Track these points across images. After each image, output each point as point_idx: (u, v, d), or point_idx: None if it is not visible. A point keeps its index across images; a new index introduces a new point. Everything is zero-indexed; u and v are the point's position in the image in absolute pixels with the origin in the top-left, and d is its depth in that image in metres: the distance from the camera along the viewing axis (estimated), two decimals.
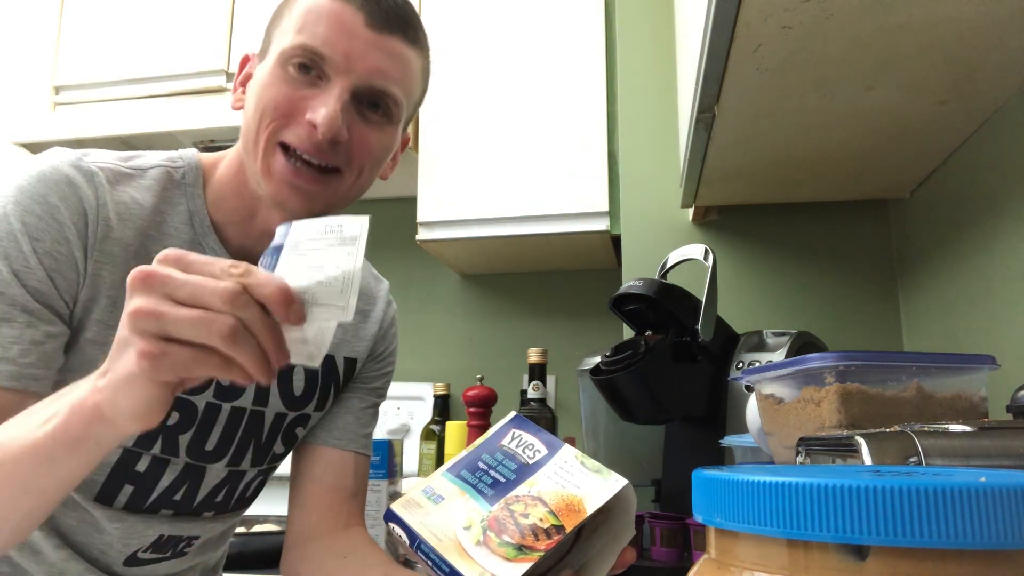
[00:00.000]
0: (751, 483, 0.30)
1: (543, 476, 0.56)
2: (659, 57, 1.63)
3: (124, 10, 1.95)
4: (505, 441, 0.60)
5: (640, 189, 1.59)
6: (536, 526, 0.52)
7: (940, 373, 0.63)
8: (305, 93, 0.71)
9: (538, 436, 0.59)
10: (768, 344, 1.14)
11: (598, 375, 1.13)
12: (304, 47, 0.70)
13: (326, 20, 0.71)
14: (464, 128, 1.71)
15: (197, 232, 0.77)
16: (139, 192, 0.75)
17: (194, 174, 0.79)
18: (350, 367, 0.91)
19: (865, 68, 0.88)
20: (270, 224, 0.77)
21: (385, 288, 0.97)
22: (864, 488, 0.27)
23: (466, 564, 0.51)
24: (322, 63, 0.71)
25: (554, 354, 1.74)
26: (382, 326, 0.94)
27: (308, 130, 0.70)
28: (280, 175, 0.72)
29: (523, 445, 0.59)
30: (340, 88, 0.71)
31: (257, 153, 0.72)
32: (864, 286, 1.47)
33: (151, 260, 0.72)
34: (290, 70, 0.71)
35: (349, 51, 0.71)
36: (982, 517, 0.26)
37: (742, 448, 0.92)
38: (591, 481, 0.54)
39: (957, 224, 1.17)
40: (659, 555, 1.04)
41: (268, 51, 0.75)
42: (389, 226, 2.04)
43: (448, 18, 1.76)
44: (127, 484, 0.76)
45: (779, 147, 1.15)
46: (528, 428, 0.60)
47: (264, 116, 0.71)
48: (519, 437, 0.59)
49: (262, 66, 0.75)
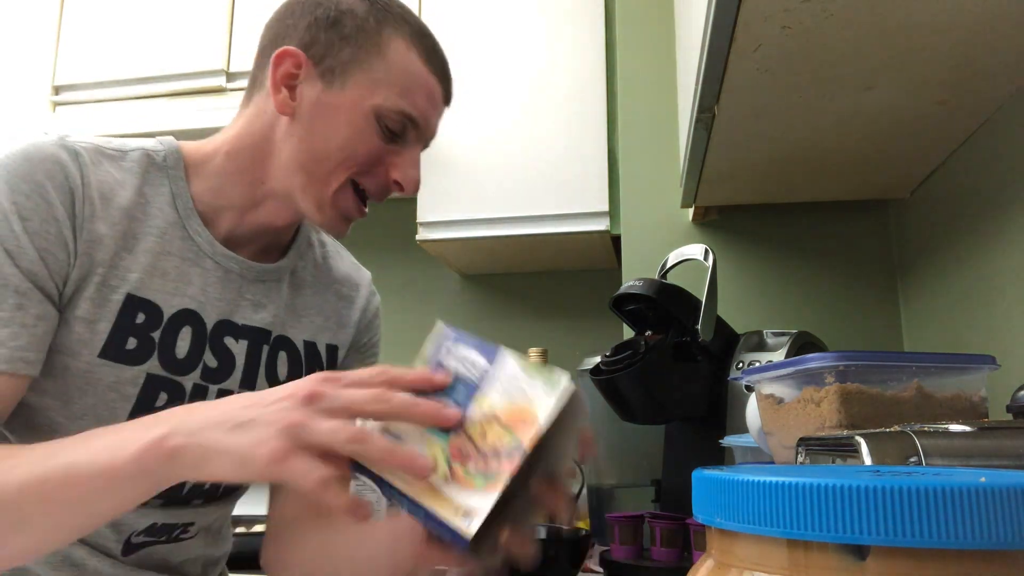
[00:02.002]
0: (751, 483, 0.30)
1: (491, 391, 0.54)
2: (659, 57, 1.63)
3: (124, 10, 1.95)
4: (447, 361, 0.56)
5: (640, 189, 1.59)
6: (496, 447, 0.51)
7: (940, 373, 0.63)
8: (389, 148, 0.78)
9: (474, 347, 0.56)
10: (768, 344, 1.14)
11: (598, 375, 1.13)
12: (405, 115, 0.78)
13: (424, 92, 0.79)
14: (464, 128, 1.71)
15: (181, 215, 0.78)
16: (121, 173, 0.76)
17: (175, 158, 0.80)
18: (332, 354, 0.91)
19: (865, 68, 0.88)
20: (272, 220, 0.82)
21: (367, 278, 0.99)
22: (864, 488, 0.27)
23: (440, 503, 0.50)
24: (411, 129, 0.79)
25: (554, 354, 1.74)
26: (365, 315, 0.95)
27: (387, 183, 0.80)
28: (347, 211, 0.79)
29: (462, 361, 0.56)
30: (419, 151, 0.81)
31: (328, 185, 0.77)
32: (864, 286, 1.47)
33: (137, 240, 0.74)
34: (384, 126, 0.77)
35: (432, 122, 0.81)
36: (982, 517, 0.26)
37: (742, 448, 0.92)
38: (537, 388, 0.52)
39: (957, 224, 1.17)
40: (659, 555, 1.04)
41: (347, 84, 0.76)
42: (389, 226, 2.05)
43: (448, 18, 1.76)
44: None
45: (779, 147, 1.15)
46: (462, 339, 0.57)
47: (348, 159, 0.77)
48: (456, 353, 0.56)
49: (340, 97, 0.76)
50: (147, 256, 0.75)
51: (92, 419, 0.73)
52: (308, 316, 0.89)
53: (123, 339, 0.73)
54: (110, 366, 0.73)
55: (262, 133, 0.79)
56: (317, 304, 0.90)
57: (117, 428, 0.57)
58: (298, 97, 0.77)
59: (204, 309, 0.79)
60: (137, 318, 0.74)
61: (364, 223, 0.86)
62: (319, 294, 0.91)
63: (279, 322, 0.85)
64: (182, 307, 0.77)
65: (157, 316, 0.76)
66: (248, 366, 0.82)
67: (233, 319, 0.81)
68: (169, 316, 0.76)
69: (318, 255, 0.93)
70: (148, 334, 0.75)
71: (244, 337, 0.82)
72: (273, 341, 0.84)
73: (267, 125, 0.79)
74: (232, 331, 0.81)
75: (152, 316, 0.75)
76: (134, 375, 0.74)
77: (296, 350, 0.87)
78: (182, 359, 0.77)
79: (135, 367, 0.74)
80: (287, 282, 0.87)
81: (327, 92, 0.76)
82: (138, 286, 0.74)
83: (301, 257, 0.89)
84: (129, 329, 0.74)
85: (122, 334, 0.73)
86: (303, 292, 0.89)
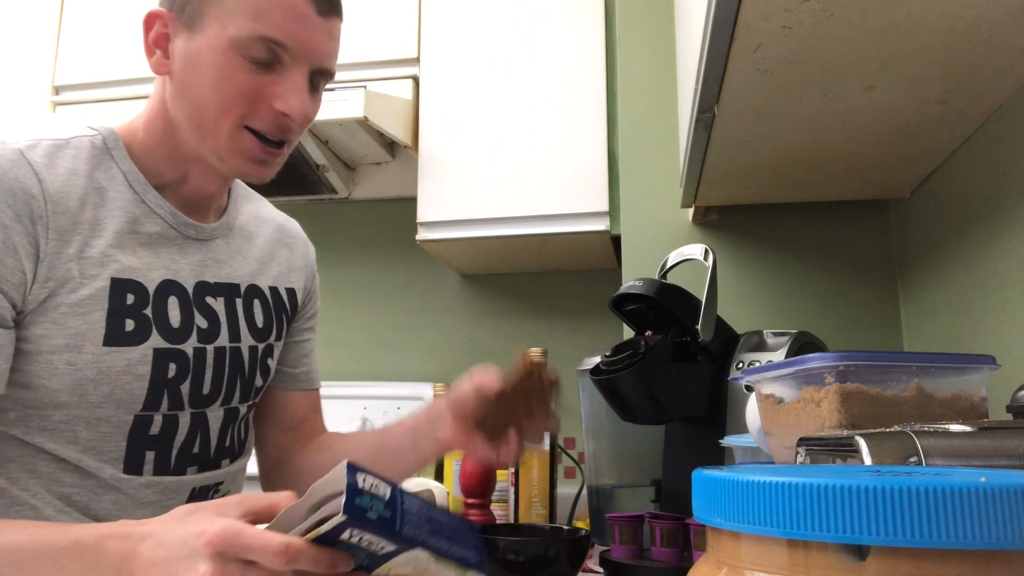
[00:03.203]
0: (751, 483, 0.30)
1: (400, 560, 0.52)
2: (659, 57, 1.63)
3: (124, 10, 1.94)
4: (346, 537, 0.49)
5: (640, 189, 1.59)
6: None
7: (940, 373, 0.63)
8: (265, 80, 0.75)
9: (379, 529, 0.49)
10: (768, 344, 1.14)
11: (598, 375, 1.13)
12: (266, 38, 0.73)
13: (282, 9, 0.74)
14: (464, 128, 1.71)
15: (138, 192, 0.79)
16: (71, 162, 0.76)
17: (114, 139, 0.80)
18: (292, 297, 0.96)
19: (865, 68, 0.88)
20: (204, 187, 0.83)
21: (298, 226, 1.02)
22: (864, 488, 0.27)
23: None
24: (282, 52, 0.74)
25: (554, 354, 1.74)
26: (307, 261, 1.00)
27: (276, 117, 0.76)
28: (251, 154, 0.77)
29: (367, 543, 0.50)
30: (301, 76, 0.76)
31: (218, 134, 0.75)
32: (864, 286, 1.47)
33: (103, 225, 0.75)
34: (248, 58, 0.73)
35: (306, 39, 0.75)
36: (982, 517, 0.26)
37: (742, 448, 0.92)
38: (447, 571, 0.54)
39: (957, 224, 1.17)
40: (659, 555, 1.04)
41: (205, 24, 0.74)
42: (389, 226, 2.05)
43: (448, 18, 1.76)
44: (147, 451, 0.78)
45: (779, 147, 1.15)
46: (366, 521, 0.49)
47: (227, 104, 0.74)
48: (360, 535, 0.49)
49: (200, 41, 0.74)
50: (117, 237, 0.76)
51: (111, 406, 0.75)
52: (264, 264, 0.92)
53: (120, 322, 0.74)
54: (117, 351, 0.74)
55: (160, 100, 0.80)
56: (267, 251, 0.93)
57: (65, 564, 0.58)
58: (171, 54, 0.77)
59: (180, 276, 0.81)
60: (127, 299, 0.75)
61: (364, 223, 0.87)
62: (267, 242, 0.94)
63: (244, 274, 0.88)
64: (162, 279, 0.79)
65: (143, 293, 0.77)
66: (230, 320, 0.85)
67: (206, 279, 0.83)
68: (154, 290, 0.78)
69: (252, 205, 0.95)
70: (141, 312, 0.76)
71: (220, 294, 0.85)
72: (244, 293, 0.88)
73: (161, 91, 0.79)
74: (209, 291, 0.84)
75: (139, 294, 0.77)
76: (142, 354, 0.76)
77: (265, 297, 0.91)
78: (178, 328, 0.79)
79: (140, 347, 0.76)
80: (238, 235, 0.90)
81: (191, 40, 0.75)
82: (118, 268, 0.75)
83: (239, 210, 0.91)
84: (123, 311, 0.75)
85: (118, 318, 0.74)
86: (253, 242, 0.92)
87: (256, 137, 0.76)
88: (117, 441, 0.76)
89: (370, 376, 2.00)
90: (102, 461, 0.75)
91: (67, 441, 0.74)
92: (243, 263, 0.89)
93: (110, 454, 0.76)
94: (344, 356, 2.04)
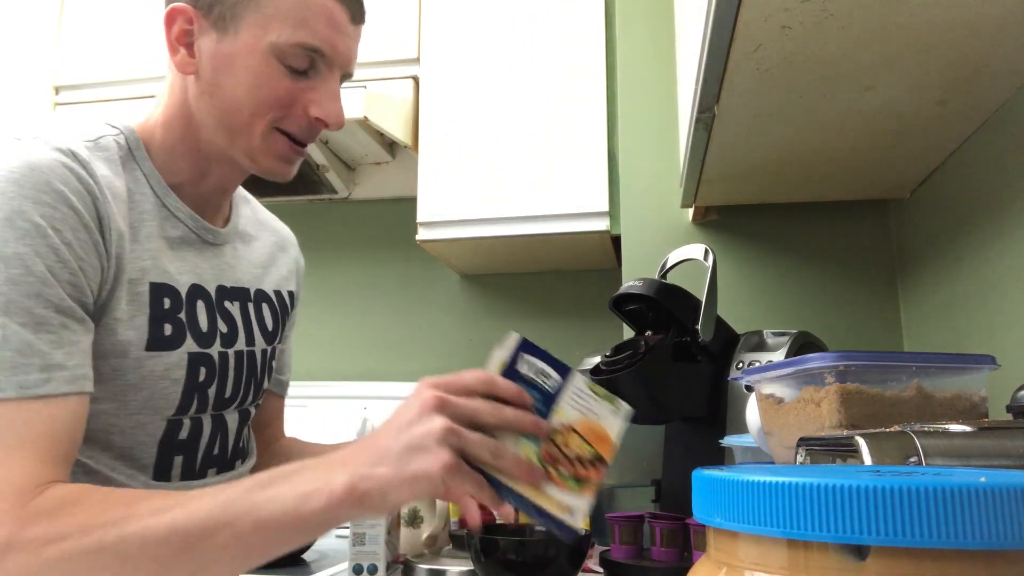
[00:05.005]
0: (751, 483, 0.30)
1: (566, 405, 0.62)
2: (659, 57, 1.63)
3: (124, 10, 1.95)
4: (523, 370, 0.63)
5: (640, 189, 1.59)
6: (581, 456, 0.60)
7: (940, 373, 0.63)
8: (301, 86, 0.76)
9: (547, 361, 0.64)
10: (768, 344, 1.14)
11: (598, 375, 1.13)
12: (307, 48, 0.74)
13: (323, 18, 0.75)
14: (464, 128, 1.71)
15: (159, 195, 0.78)
16: (107, 165, 0.74)
17: (135, 139, 0.78)
18: (291, 300, 0.96)
19: (865, 68, 0.88)
20: (223, 184, 0.83)
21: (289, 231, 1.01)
22: (864, 488, 0.27)
23: (545, 501, 0.58)
24: (319, 59, 0.76)
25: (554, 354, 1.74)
26: (299, 265, 1.00)
27: (310, 122, 0.77)
28: (283, 154, 0.78)
29: (538, 372, 0.64)
30: (335, 82, 0.78)
31: (252, 135, 0.76)
32: (864, 286, 1.47)
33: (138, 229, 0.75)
34: (287, 64, 0.74)
35: (342, 48, 0.77)
36: (982, 517, 0.26)
37: (742, 448, 0.92)
38: (605, 409, 0.64)
39: (957, 224, 1.17)
40: (659, 555, 1.04)
41: (240, 27, 0.74)
42: (389, 226, 2.05)
43: (448, 18, 1.76)
44: (175, 455, 0.78)
45: (779, 147, 1.15)
46: (535, 352, 0.64)
47: (263, 108, 0.75)
48: (532, 364, 0.64)
49: (235, 43, 0.74)
50: (151, 242, 0.76)
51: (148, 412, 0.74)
52: (266, 268, 0.92)
53: (160, 327, 0.74)
54: (157, 356, 0.74)
55: (181, 98, 0.78)
56: (268, 255, 0.93)
57: (285, 476, 0.61)
58: (197, 53, 0.75)
59: (204, 280, 0.81)
60: (164, 304, 0.75)
61: (364, 223, 0.87)
62: (267, 246, 0.94)
63: (251, 278, 0.88)
64: (191, 283, 0.79)
65: (177, 297, 0.77)
66: (246, 324, 0.85)
67: (224, 283, 0.84)
68: (185, 294, 0.78)
69: (249, 208, 0.95)
70: (176, 316, 0.76)
71: (236, 299, 0.85)
72: (254, 297, 0.88)
73: (181, 89, 0.78)
74: (227, 295, 0.84)
75: (174, 298, 0.77)
76: (178, 359, 0.76)
77: (272, 301, 0.91)
78: (206, 332, 0.79)
79: (176, 351, 0.76)
80: (242, 240, 0.90)
81: (222, 41, 0.74)
82: (155, 273, 0.75)
83: (239, 213, 0.91)
84: (162, 316, 0.75)
85: (159, 323, 0.74)
86: (256, 247, 0.92)
87: (287, 138, 0.78)
88: (149, 448, 0.76)
89: (370, 376, 2.00)
90: (134, 468, 0.74)
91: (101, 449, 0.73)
92: (250, 268, 0.89)
93: (141, 461, 0.75)
94: (344, 356, 2.04)
